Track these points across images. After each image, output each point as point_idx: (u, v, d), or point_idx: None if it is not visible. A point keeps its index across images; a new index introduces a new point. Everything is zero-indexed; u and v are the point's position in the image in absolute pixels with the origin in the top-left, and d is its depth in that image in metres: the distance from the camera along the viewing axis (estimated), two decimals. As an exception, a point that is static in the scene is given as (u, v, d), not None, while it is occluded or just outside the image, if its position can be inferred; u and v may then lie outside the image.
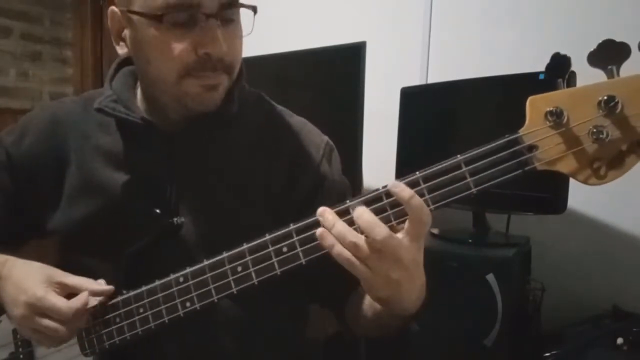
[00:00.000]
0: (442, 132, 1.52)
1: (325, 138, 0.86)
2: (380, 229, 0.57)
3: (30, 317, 0.72)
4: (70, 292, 0.73)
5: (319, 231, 0.60)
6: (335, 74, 1.62)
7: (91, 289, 0.73)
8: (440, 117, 1.53)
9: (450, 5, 1.75)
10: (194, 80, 0.71)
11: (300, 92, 1.66)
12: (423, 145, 1.54)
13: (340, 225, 0.59)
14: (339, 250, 0.59)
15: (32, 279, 0.73)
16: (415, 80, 1.77)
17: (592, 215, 1.47)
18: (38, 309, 0.71)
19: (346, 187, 0.86)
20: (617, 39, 0.55)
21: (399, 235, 0.59)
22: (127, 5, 0.71)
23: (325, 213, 0.61)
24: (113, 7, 0.75)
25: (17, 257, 0.78)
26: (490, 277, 1.17)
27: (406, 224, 0.59)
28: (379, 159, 1.65)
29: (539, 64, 1.23)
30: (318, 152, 0.83)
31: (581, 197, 1.34)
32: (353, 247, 0.58)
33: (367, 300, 0.73)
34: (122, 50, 0.77)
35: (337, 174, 0.85)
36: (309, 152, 0.82)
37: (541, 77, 1.23)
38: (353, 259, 0.59)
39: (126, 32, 0.75)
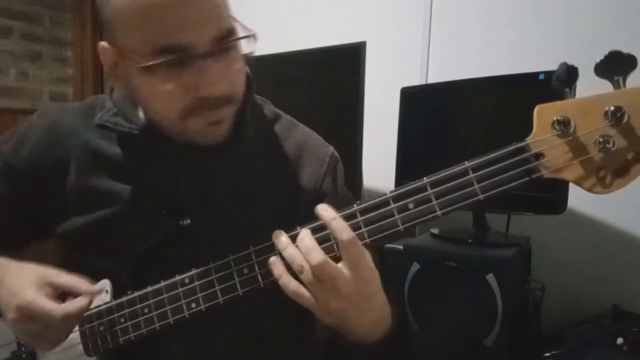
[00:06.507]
0: (442, 132, 1.52)
1: (330, 150, 0.85)
2: (315, 254, 0.60)
3: (21, 320, 0.70)
4: (63, 292, 0.73)
5: (271, 259, 0.64)
6: (335, 74, 1.62)
7: (82, 289, 0.72)
8: (440, 117, 1.53)
9: (450, 5, 1.75)
10: (196, 119, 0.69)
11: (300, 92, 1.66)
12: (423, 145, 1.54)
13: (292, 249, 0.62)
14: (285, 281, 0.63)
15: (23, 282, 0.72)
16: (415, 80, 1.77)
17: (592, 215, 1.47)
18: (29, 313, 0.69)
19: (348, 201, 0.85)
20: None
21: (340, 264, 0.61)
22: (116, 43, 0.68)
23: (280, 236, 0.64)
24: (103, 43, 0.70)
25: (12, 259, 0.78)
26: (490, 277, 1.17)
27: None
28: (379, 159, 1.65)
29: (539, 64, 1.24)
30: (322, 167, 0.82)
31: (581, 197, 1.34)
32: (299, 271, 0.61)
33: None
34: (118, 87, 0.74)
35: (339, 189, 0.85)
36: (312, 169, 0.82)
37: (541, 77, 1.23)
38: (300, 289, 0.62)
39: (119, 70, 0.71)
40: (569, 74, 0.57)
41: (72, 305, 0.70)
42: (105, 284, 0.76)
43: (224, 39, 0.67)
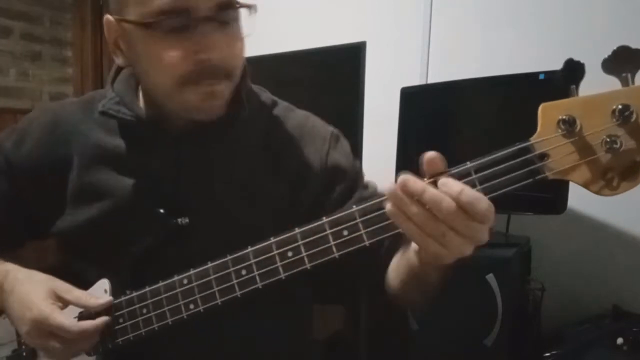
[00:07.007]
0: (442, 132, 1.52)
1: (330, 129, 0.84)
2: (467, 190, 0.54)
3: (37, 334, 0.72)
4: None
5: (389, 207, 0.57)
6: (335, 74, 1.62)
7: (90, 304, 0.73)
8: (440, 117, 1.53)
9: (450, 5, 1.75)
10: (194, 87, 0.68)
11: (300, 92, 1.66)
12: (423, 145, 1.53)
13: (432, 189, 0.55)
14: (420, 220, 0.55)
15: (36, 294, 0.73)
16: (415, 80, 1.77)
17: (592, 215, 1.47)
18: (45, 327, 0.71)
19: (357, 173, 0.83)
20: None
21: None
22: (120, 13, 0.69)
23: (410, 181, 0.57)
24: (108, 16, 0.72)
25: (18, 263, 0.78)
26: (490, 277, 1.17)
27: None
28: (379, 159, 1.65)
29: (539, 64, 1.24)
30: (324, 144, 0.81)
31: (581, 197, 1.35)
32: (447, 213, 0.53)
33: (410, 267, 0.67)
34: (119, 60, 0.75)
35: (346, 162, 0.82)
36: (314, 147, 0.81)
37: (541, 77, 1.23)
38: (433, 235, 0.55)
39: (122, 42, 0.72)
40: (575, 70, 0.55)
41: (89, 323, 0.71)
42: (104, 283, 0.75)
43: (226, 8, 0.68)
